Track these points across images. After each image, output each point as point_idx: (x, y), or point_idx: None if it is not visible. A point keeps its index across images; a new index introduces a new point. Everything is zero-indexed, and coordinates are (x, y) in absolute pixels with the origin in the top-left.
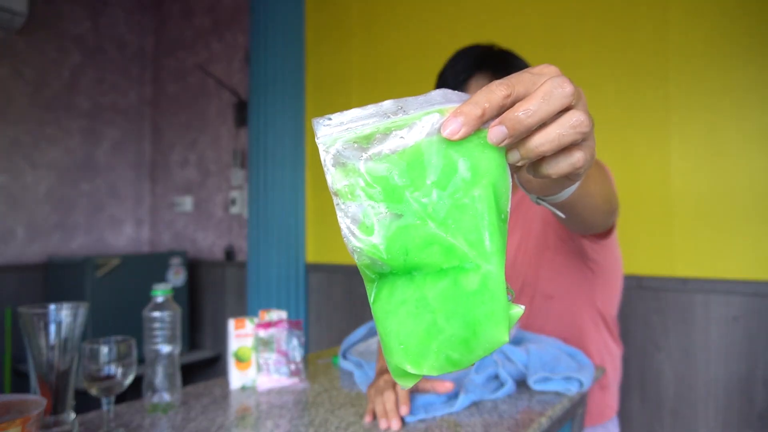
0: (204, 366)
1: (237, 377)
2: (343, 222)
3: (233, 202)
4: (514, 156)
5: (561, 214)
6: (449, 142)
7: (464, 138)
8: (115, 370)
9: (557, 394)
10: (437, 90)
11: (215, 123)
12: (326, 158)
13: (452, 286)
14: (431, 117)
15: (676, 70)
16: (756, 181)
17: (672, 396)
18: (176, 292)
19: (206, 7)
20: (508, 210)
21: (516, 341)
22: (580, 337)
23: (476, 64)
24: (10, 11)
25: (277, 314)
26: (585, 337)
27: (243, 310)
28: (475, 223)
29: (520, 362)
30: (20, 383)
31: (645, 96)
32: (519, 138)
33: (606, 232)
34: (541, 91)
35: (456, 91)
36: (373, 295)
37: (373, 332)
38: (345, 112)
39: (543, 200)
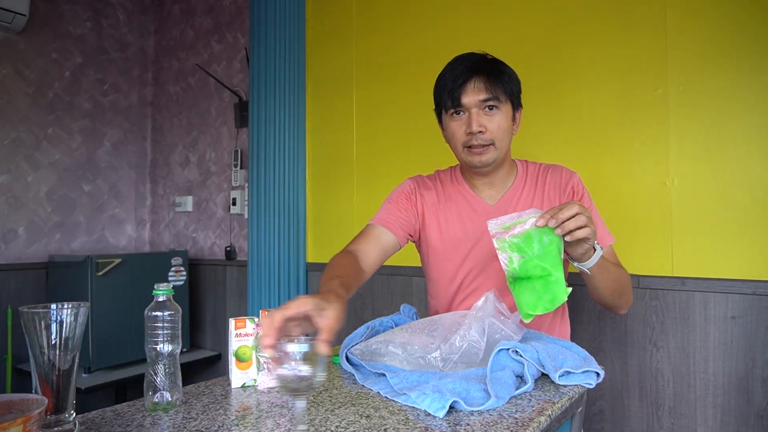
0: (205, 365)
1: (238, 376)
2: (502, 258)
3: (233, 202)
4: (560, 231)
5: (587, 270)
6: (539, 228)
7: (545, 226)
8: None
9: (557, 392)
10: (532, 209)
11: (216, 123)
12: (492, 235)
13: (544, 282)
14: (532, 219)
15: (674, 71)
16: (754, 181)
17: (671, 395)
18: (177, 291)
19: (206, 7)
20: (563, 253)
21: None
22: (563, 311)
23: (473, 69)
24: (12, 12)
25: None
26: (564, 311)
27: (243, 310)
28: (552, 257)
29: (533, 359)
30: (22, 382)
31: (643, 96)
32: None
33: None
34: (574, 210)
35: (539, 210)
36: (512, 287)
37: (373, 332)
38: (501, 217)
39: (578, 265)
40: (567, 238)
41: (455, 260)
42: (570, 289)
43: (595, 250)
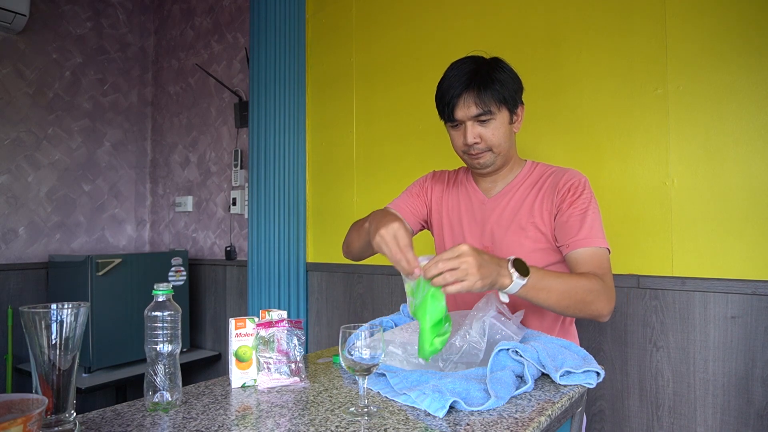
0: (204, 365)
1: (238, 376)
2: (409, 300)
3: (233, 202)
4: (433, 284)
5: (506, 300)
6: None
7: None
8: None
9: (557, 392)
10: (425, 256)
11: (216, 123)
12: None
13: (422, 330)
14: (421, 269)
15: (674, 71)
16: (754, 181)
17: (671, 395)
18: (177, 291)
19: (206, 7)
20: (445, 301)
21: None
22: (569, 322)
23: (465, 83)
24: (12, 12)
25: (278, 314)
26: (571, 321)
27: (243, 310)
28: (424, 309)
29: (533, 359)
30: (22, 382)
31: (643, 97)
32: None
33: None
34: (438, 269)
35: (431, 256)
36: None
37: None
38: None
39: (499, 291)
40: (442, 291)
41: (452, 245)
42: (433, 349)
43: (512, 280)
